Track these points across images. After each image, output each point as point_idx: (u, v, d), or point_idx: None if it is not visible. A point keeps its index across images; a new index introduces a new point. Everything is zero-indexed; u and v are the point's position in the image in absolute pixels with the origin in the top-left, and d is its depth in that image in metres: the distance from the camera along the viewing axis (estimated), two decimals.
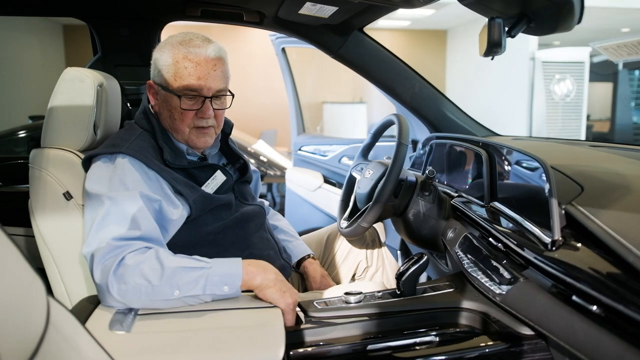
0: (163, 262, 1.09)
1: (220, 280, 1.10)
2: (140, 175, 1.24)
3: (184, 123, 1.35)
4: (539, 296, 0.98)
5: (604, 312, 0.84)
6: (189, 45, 1.32)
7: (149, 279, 1.06)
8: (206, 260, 1.13)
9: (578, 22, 1.12)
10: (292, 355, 1.03)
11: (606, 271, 0.89)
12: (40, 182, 1.29)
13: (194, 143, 1.39)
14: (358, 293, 1.21)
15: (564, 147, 1.72)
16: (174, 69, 1.31)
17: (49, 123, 1.34)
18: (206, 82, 1.32)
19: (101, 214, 1.16)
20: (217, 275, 1.10)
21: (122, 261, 1.08)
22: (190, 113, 1.34)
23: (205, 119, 1.36)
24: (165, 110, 1.37)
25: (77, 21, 1.90)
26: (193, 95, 1.33)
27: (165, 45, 1.35)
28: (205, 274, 1.09)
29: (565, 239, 1.03)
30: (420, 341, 1.09)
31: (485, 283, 1.16)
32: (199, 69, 1.32)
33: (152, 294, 1.06)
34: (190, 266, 1.10)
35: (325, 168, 2.98)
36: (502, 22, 1.13)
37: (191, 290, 1.08)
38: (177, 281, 1.07)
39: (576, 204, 1.07)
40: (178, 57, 1.31)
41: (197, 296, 1.09)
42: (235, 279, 1.12)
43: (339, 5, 1.56)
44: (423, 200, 1.59)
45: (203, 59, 1.32)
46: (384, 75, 2.06)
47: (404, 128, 1.58)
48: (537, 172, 1.19)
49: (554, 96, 7.91)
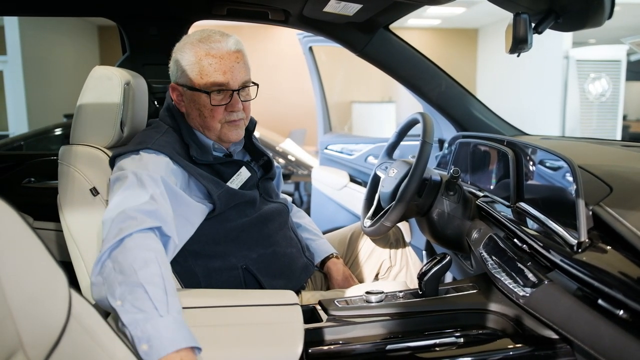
0: (146, 268, 0.98)
1: (151, 336, 0.89)
2: (164, 166, 1.26)
3: (214, 119, 1.36)
4: (564, 299, 0.96)
5: (631, 316, 0.82)
6: (209, 41, 1.33)
7: (124, 269, 0.97)
8: (169, 309, 0.94)
9: (609, 18, 1.09)
10: (310, 353, 1.04)
11: (634, 274, 0.86)
12: (68, 178, 1.32)
13: (227, 137, 1.40)
14: (379, 292, 1.20)
15: (594, 147, 1.68)
16: (198, 67, 1.33)
17: (78, 120, 1.37)
18: (232, 75, 1.34)
19: (124, 186, 1.16)
20: (155, 329, 0.90)
21: (123, 240, 1.02)
22: (221, 108, 1.35)
23: (235, 112, 1.38)
24: (194, 110, 1.38)
25: (111, 22, 1.94)
26: (220, 90, 1.34)
27: (185, 46, 1.36)
28: (151, 317, 0.92)
29: (592, 240, 1.00)
30: (441, 342, 1.07)
31: (509, 285, 1.13)
32: (223, 63, 1.33)
33: (110, 284, 0.97)
34: (151, 296, 0.94)
35: (351, 167, 2.97)
36: (528, 18, 1.10)
37: (126, 314, 0.92)
38: (128, 294, 0.94)
39: (604, 204, 1.04)
40: (200, 54, 1.32)
41: (124, 325, 0.92)
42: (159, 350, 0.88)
43: (363, 3, 1.56)
44: (448, 199, 1.57)
45: (225, 52, 1.33)
46: (410, 74, 2.04)
47: (428, 127, 1.57)
48: (564, 172, 1.16)
49: (589, 95, 7.72)
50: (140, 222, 1.06)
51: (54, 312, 0.76)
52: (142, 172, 1.19)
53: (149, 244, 1.04)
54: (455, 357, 1.05)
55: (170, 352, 0.88)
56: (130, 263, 0.98)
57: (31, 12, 1.87)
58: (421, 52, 2.05)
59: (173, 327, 0.92)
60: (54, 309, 0.76)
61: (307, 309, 1.20)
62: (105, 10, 1.91)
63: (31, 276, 0.73)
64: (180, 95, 1.40)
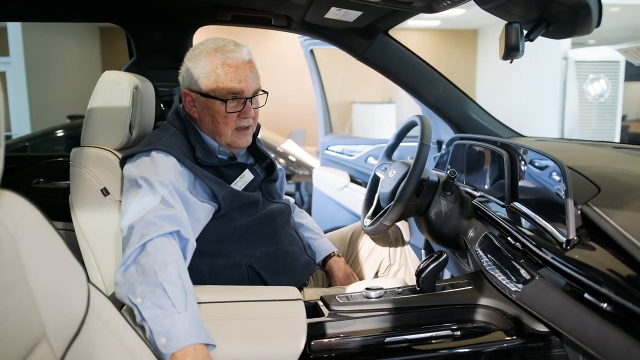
0: (164, 269, 1.07)
1: (169, 330, 0.97)
2: (172, 168, 1.31)
3: (227, 126, 1.41)
4: (553, 294, 1.01)
5: (614, 309, 0.87)
6: (225, 51, 1.38)
7: (145, 272, 1.06)
8: (186, 307, 1.02)
9: (597, 26, 1.14)
10: (313, 346, 1.09)
11: (617, 270, 0.91)
12: (79, 178, 1.38)
13: (236, 144, 1.46)
14: (379, 289, 1.25)
15: (585, 149, 1.73)
16: (215, 75, 1.37)
17: (88, 123, 1.42)
18: (247, 84, 1.39)
19: (139, 193, 1.23)
20: (173, 324, 0.98)
21: (145, 245, 1.11)
22: (234, 115, 1.40)
23: (247, 119, 1.43)
24: (207, 116, 1.42)
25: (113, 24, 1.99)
26: (235, 98, 1.39)
27: (200, 54, 1.40)
28: (170, 313, 0.99)
29: (581, 238, 1.05)
30: (437, 335, 1.13)
31: (502, 281, 1.19)
32: (238, 72, 1.38)
33: (131, 284, 1.05)
34: (169, 295, 1.02)
35: (352, 167, 3.02)
36: (519, 27, 1.15)
37: (146, 309, 1.00)
38: (148, 293, 1.02)
39: (592, 204, 1.09)
40: (217, 63, 1.37)
41: (144, 319, 1.00)
42: (175, 343, 0.96)
43: (362, 10, 1.61)
44: (445, 199, 1.62)
45: (240, 62, 1.39)
46: (408, 77, 2.09)
47: (426, 129, 1.62)
48: (556, 173, 1.22)
49: (587, 96, 7.74)
50: (160, 227, 1.14)
51: (74, 305, 0.81)
52: (153, 177, 1.25)
53: (168, 247, 1.13)
54: (450, 349, 1.10)
55: (186, 346, 0.96)
56: (151, 265, 1.07)
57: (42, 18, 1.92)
58: (419, 56, 2.10)
59: (190, 323, 0.99)
60: (75, 302, 0.81)
61: (309, 304, 1.24)
62: (113, 17, 1.96)
63: (54, 272, 0.79)
64: (192, 101, 1.44)
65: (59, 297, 0.78)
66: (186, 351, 0.96)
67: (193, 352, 0.96)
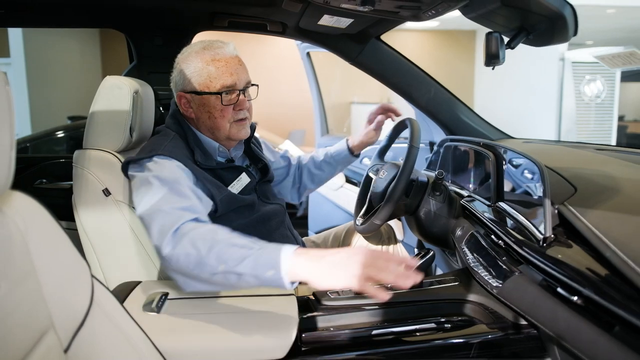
0: (216, 235, 1.13)
1: (266, 263, 1.04)
2: (177, 169, 1.35)
3: (224, 119, 1.46)
4: (530, 289, 1.07)
5: (584, 302, 0.93)
6: (213, 48, 1.45)
7: (199, 248, 1.09)
8: (259, 242, 1.10)
9: (574, 35, 1.20)
10: (304, 338, 1.14)
11: (588, 266, 0.97)
12: (82, 179, 1.44)
13: (235, 136, 1.50)
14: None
15: (568, 150, 1.79)
16: (207, 72, 1.43)
17: (90, 126, 1.48)
18: (238, 76, 1.45)
19: (151, 190, 1.27)
20: (265, 258, 1.05)
21: (178, 229, 1.15)
22: (229, 108, 1.46)
23: (242, 110, 1.49)
24: (203, 113, 1.47)
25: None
26: (228, 91, 1.45)
27: (190, 55, 1.46)
28: (254, 254, 1.06)
29: (557, 236, 1.11)
30: (422, 328, 1.18)
31: (485, 277, 1.25)
32: (229, 66, 1.44)
33: (200, 265, 1.09)
34: (240, 244, 1.10)
35: (347, 168, 3.07)
36: (499, 37, 1.22)
37: (236, 267, 1.06)
38: (224, 255, 1.07)
39: (568, 204, 1.15)
40: (207, 60, 1.43)
41: (241, 275, 1.06)
42: (280, 265, 1.04)
43: (353, 18, 1.67)
44: (434, 199, 1.68)
45: (229, 57, 1.45)
46: (401, 81, 2.14)
47: (415, 132, 1.67)
48: (536, 174, 1.28)
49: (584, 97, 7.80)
50: (181, 216, 1.18)
51: (79, 297, 0.87)
52: (162, 173, 1.30)
53: (199, 224, 1.18)
54: (434, 341, 1.16)
55: (289, 260, 1.03)
56: (202, 238, 1.12)
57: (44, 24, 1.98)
58: (411, 61, 2.16)
59: (273, 247, 1.08)
60: (79, 295, 0.87)
61: (302, 299, 1.29)
62: (114, 23, 2.02)
63: (60, 266, 0.85)
64: (187, 103, 1.49)
65: (65, 290, 0.84)
66: (294, 262, 1.03)
67: (297, 256, 1.04)
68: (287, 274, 1.03)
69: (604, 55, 1.55)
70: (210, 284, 1.12)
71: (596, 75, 7.73)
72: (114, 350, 0.91)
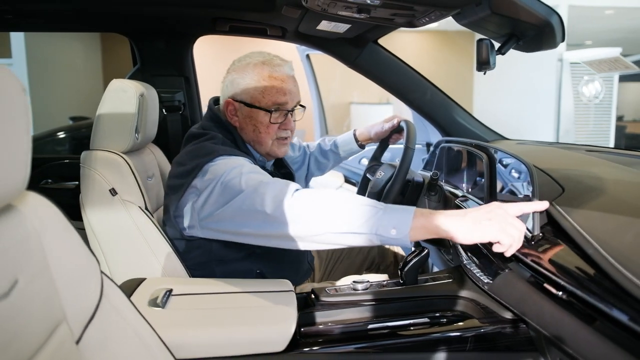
0: (333, 196, 1.15)
1: (389, 223, 1.10)
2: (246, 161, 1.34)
3: (269, 135, 1.49)
4: (518, 285, 1.12)
5: (568, 297, 0.98)
6: (272, 65, 1.46)
7: (324, 207, 1.12)
8: (378, 204, 1.14)
9: (562, 41, 1.25)
10: (303, 332, 1.19)
11: (572, 262, 1.02)
12: (89, 179, 1.49)
13: (275, 153, 1.53)
14: (365, 282, 1.35)
15: (559, 152, 1.83)
16: (262, 86, 1.44)
17: (97, 128, 1.53)
18: (291, 96, 1.48)
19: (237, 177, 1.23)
20: (388, 219, 1.10)
21: (296, 191, 1.16)
22: (275, 126, 1.48)
23: (286, 130, 1.51)
24: (249, 125, 1.49)
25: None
26: (279, 110, 1.46)
27: (247, 66, 1.47)
28: (378, 214, 1.10)
29: (545, 235, 1.16)
30: (416, 322, 1.23)
31: (477, 274, 1.29)
32: (284, 85, 1.46)
33: (326, 223, 1.12)
34: (363, 204, 1.13)
35: (346, 168, 3.12)
36: (489, 43, 1.27)
37: (361, 226, 1.10)
38: (348, 215, 1.11)
39: (556, 204, 1.20)
40: (264, 75, 1.45)
41: (366, 235, 1.11)
42: (404, 224, 1.10)
43: (351, 23, 1.72)
44: (429, 199, 1.73)
45: (286, 76, 1.47)
46: (398, 84, 2.19)
47: (411, 133, 1.72)
48: (526, 174, 1.33)
49: (583, 98, 7.84)
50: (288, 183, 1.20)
51: (89, 292, 0.92)
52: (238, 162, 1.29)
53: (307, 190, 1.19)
54: (428, 334, 1.21)
55: (411, 218, 1.09)
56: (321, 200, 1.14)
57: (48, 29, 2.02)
58: (408, 64, 2.20)
59: (393, 208, 1.12)
60: (90, 289, 0.92)
61: (301, 295, 1.34)
62: (118, 28, 2.06)
63: (72, 262, 0.89)
64: (234, 110, 1.50)
65: (76, 284, 0.89)
66: (416, 222, 1.09)
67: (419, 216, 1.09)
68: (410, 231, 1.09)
69: (591, 61, 1.60)
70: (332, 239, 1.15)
71: (594, 76, 7.77)
72: (123, 343, 0.96)
